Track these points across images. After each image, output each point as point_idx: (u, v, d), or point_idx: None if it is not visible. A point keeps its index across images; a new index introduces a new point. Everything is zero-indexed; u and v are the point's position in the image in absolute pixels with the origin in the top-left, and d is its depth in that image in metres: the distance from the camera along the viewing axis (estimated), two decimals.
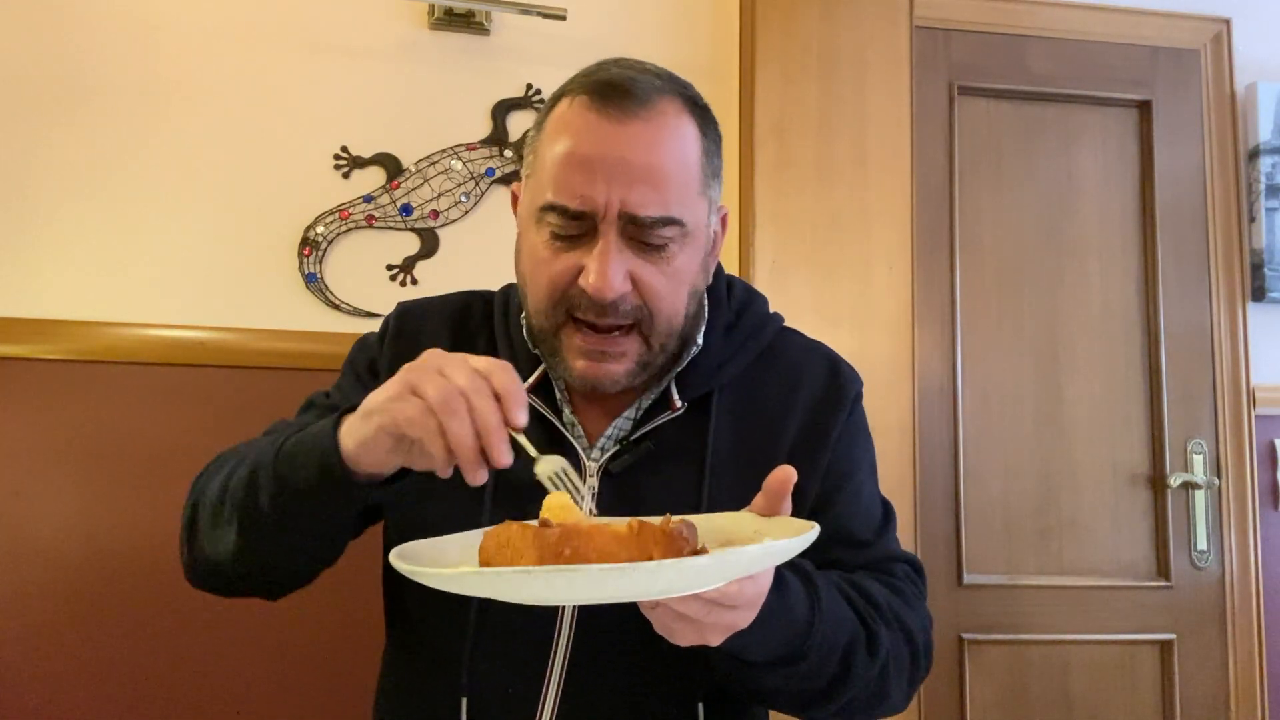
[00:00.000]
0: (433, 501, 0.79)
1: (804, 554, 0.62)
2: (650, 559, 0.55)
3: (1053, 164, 2.01)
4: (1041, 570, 1.90)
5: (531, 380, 0.86)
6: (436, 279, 1.67)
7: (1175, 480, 1.90)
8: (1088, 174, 2.01)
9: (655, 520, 0.58)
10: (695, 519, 0.62)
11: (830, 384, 0.90)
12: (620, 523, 0.58)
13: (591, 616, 0.81)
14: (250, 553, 0.76)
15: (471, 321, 0.93)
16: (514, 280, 0.96)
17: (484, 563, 0.59)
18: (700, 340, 0.87)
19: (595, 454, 0.85)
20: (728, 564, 0.55)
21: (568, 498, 0.65)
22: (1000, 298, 1.96)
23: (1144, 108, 2.02)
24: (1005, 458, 1.92)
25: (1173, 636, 1.90)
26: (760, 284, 1.69)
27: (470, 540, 0.67)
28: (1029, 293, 1.97)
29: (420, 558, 0.63)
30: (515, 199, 0.89)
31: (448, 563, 0.65)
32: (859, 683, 0.76)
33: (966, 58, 1.97)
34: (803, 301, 1.72)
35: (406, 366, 0.66)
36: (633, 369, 0.81)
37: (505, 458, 0.63)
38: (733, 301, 0.93)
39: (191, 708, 1.52)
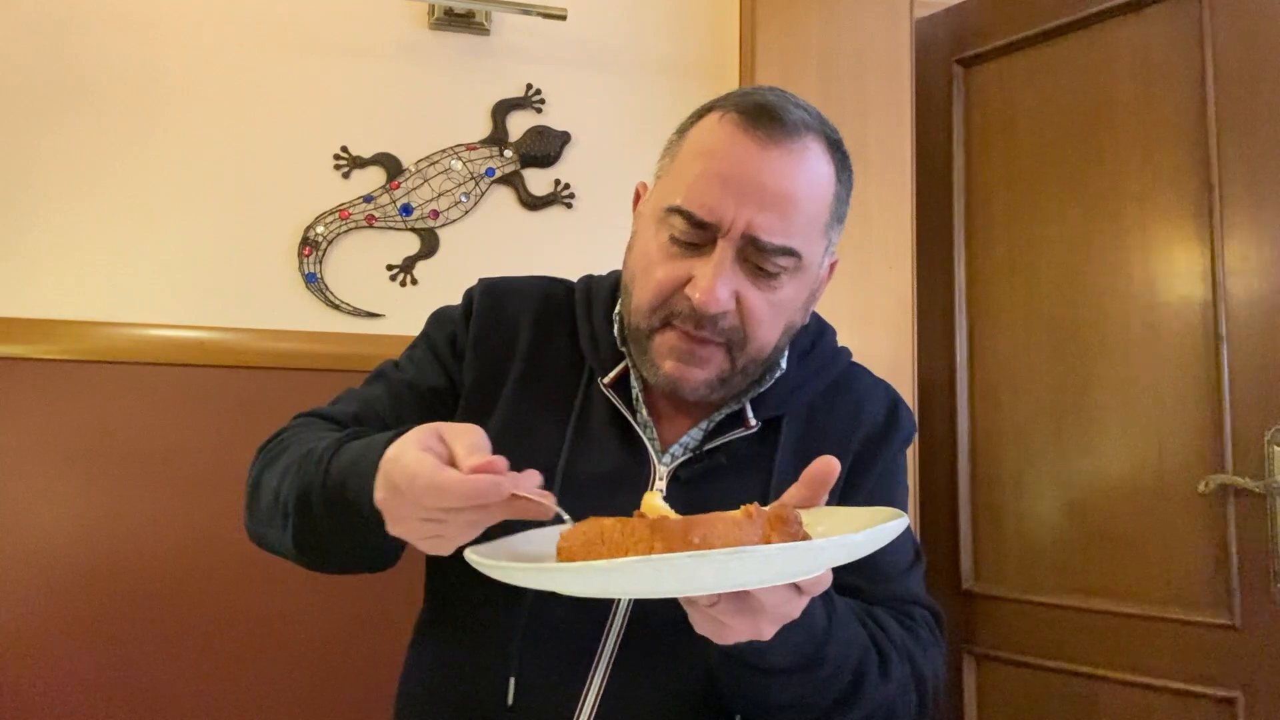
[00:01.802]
0: None
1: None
2: (770, 543, 0.55)
3: (1075, 105, 1.67)
4: (1062, 588, 1.60)
5: (612, 376, 0.88)
6: (436, 279, 1.67)
7: (1208, 484, 1.43)
8: (1123, 102, 1.62)
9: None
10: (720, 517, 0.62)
11: (888, 420, 0.94)
12: (728, 514, 0.58)
13: (643, 613, 0.83)
14: (309, 556, 0.80)
15: (552, 309, 0.95)
16: (550, 274, 1.00)
17: (567, 560, 0.57)
18: (784, 365, 0.90)
19: (666, 459, 0.87)
20: (875, 539, 0.55)
21: (659, 497, 0.65)
22: (1014, 279, 1.74)
23: None
24: (1017, 457, 1.69)
25: (1236, 694, 1.40)
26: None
27: (540, 537, 0.67)
28: (1048, 266, 1.68)
29: (496, 557, 0.61)
30: (638, 196, 0.91)
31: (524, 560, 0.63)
32: (868, 704, 0.76)
33: (968, 27, 1.85)
34: None
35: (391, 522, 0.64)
36: (713, 380, 0.82)
37: (544, 505, 0.62)
38: (811, 328, 0.97)
39: (192, 709, 1.51)
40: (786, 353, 0.91)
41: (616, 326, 0.90)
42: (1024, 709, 1.65)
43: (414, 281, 1.68)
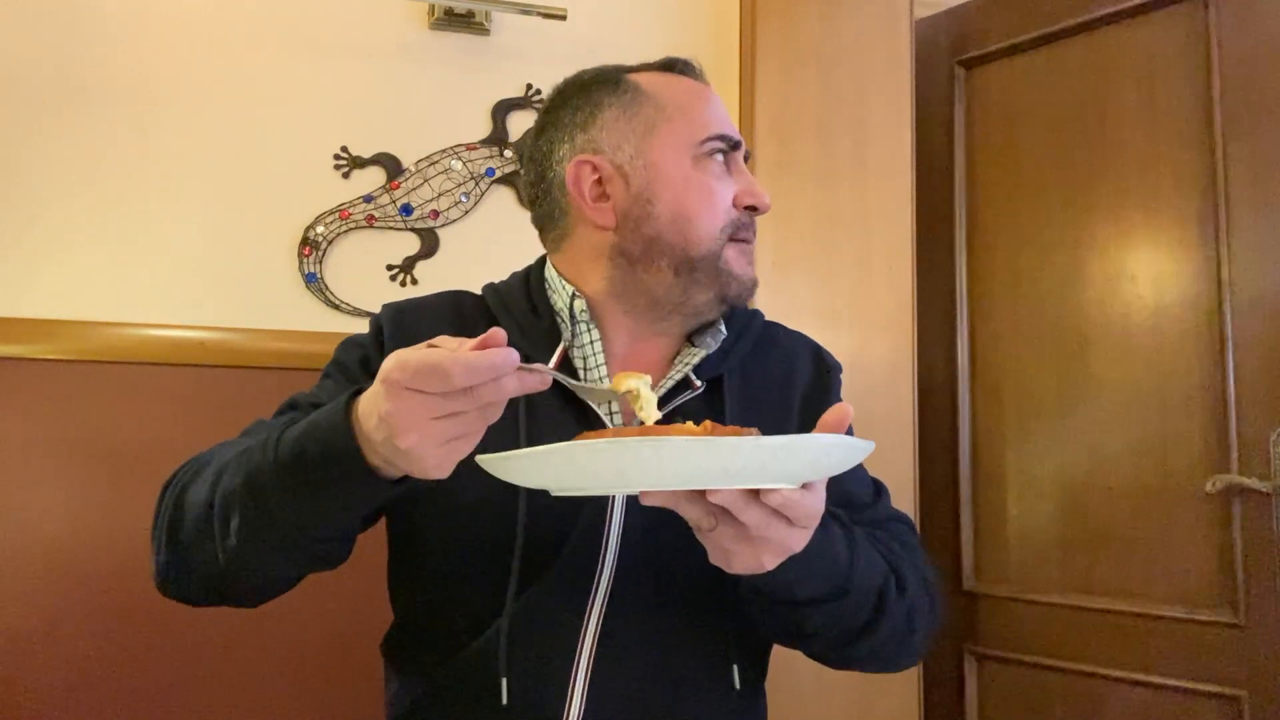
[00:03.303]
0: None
1: None
2: None
3: (1077, 108, 1.69)
4: (1064, 587, 1.62)
5: (556, 359, 0.90)
6: (436, 279, 1.67)
7: (1215, 484, 1.45)
8: (1126, 107, 1.64)
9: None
10: None
11: (818, 370, 1.01)
12: (690, 426, 0.62)
13: (620, 600, 0.84)
14: (248, 562, 0.74)
15: (467, 315, 0.96)
16: (491, 281, 1.01)
17: None
18: (724, 330, 0.95)
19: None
20: (804, 446, 0.58)
21: (632, 379, 0.70)
22: (1015, 280, 1.76)
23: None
24: (1018, 458, 1.72)
25: (1242, 693, 1.41)
26: (760, 282, 1.68)
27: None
28: (1051, 268, 1.71)
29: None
30: (579, 170, 0.91)
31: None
32: (891, 621, 0.80)
33: (969, 28, 1.86)
34: (803, 301, 1.71)
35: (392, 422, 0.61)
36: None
37: (544, 375, 0.63)
38: None
39: (192, 708, 1.52)
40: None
41: (581, 302, 0.92)
42: (1026, 708, 1.66)
43: (414, 281, 1.68)
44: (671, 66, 0.96)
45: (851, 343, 1.70)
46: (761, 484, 0.60)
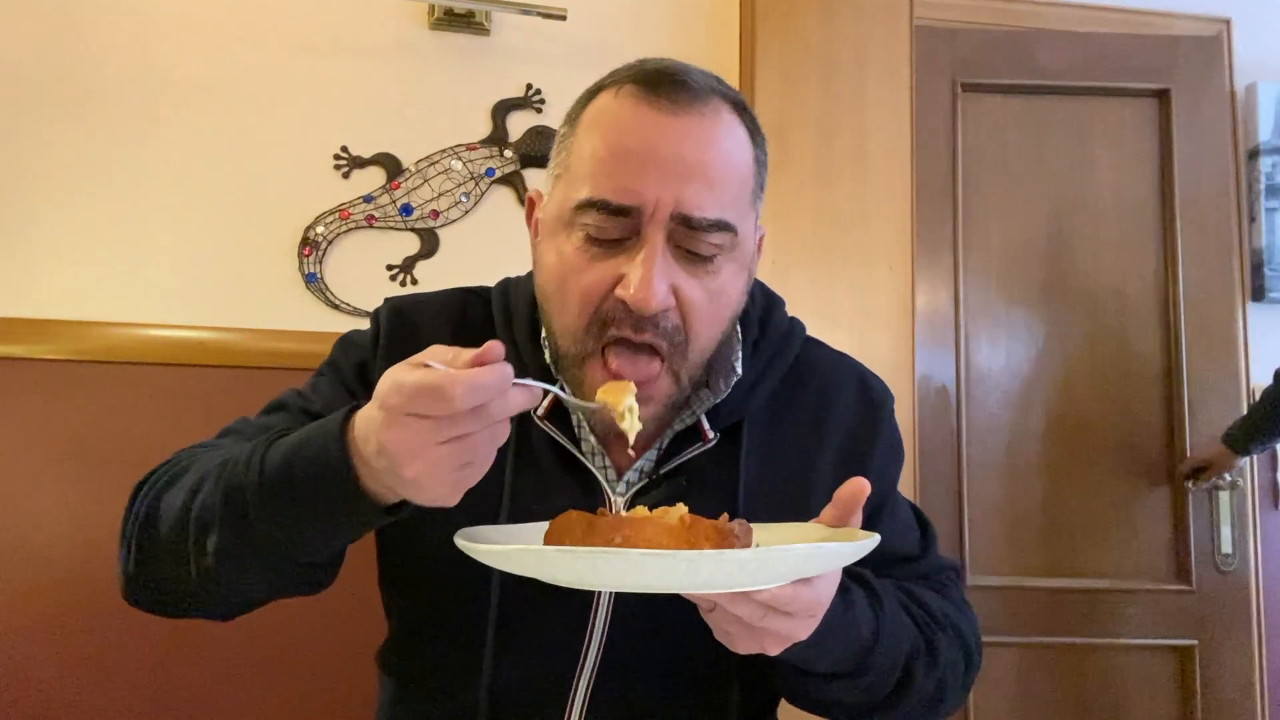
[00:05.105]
0: None
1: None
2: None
3: (1064, 158, 2.00)
4: (1050, 572, 1.90)
5: (545, 405, 0.78)
6: (436, 279, 1.67)
7: (1197, 482, 1.89)
8: (1102, 166, 2.01)
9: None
10: (759, 528, 0.61)
11: (863, 404, 0.85)
12: (674, 514, 0.57)
13: (621, 630, 0.77)
14: (223, 582, 0.68)
15: (470, 329, 0.84)
16: (507, 276, 0.90)
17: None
18: (740, 369, 0.80)
19: (621, 488, 0.79)
20: (771, 561, 0.53)
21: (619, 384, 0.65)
22: (1009, 294, 1.97)
23: (1162, 97, 2.00)
24: (1010, 457, 1.92)
25: (1194, 642, 1.88)
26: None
27: (533, 531, 0.66)
28: (1039, 288, 1.97)
29: (482, 541, 0.60)
30: (531, 206, 0.81)
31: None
32: (919, 693, 0.75)
33: (970, 54, 2.00)
34: (803, 301, 1.70)
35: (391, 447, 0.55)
36: (659, 412, 0.74)
37: (534, 390, 0.57)
38: (755, 309, 0.86)
39: (191, 708, 1.52)
40: (740, 350, 0.82)
41: (548, 352, 0.79)
42: (1021, 686, 1.87)
43: (414, 281, 1.68)
44: (636, 81, 0.72)
45: (851, 343, 1.69)
46: (735, 589, 0.55)
